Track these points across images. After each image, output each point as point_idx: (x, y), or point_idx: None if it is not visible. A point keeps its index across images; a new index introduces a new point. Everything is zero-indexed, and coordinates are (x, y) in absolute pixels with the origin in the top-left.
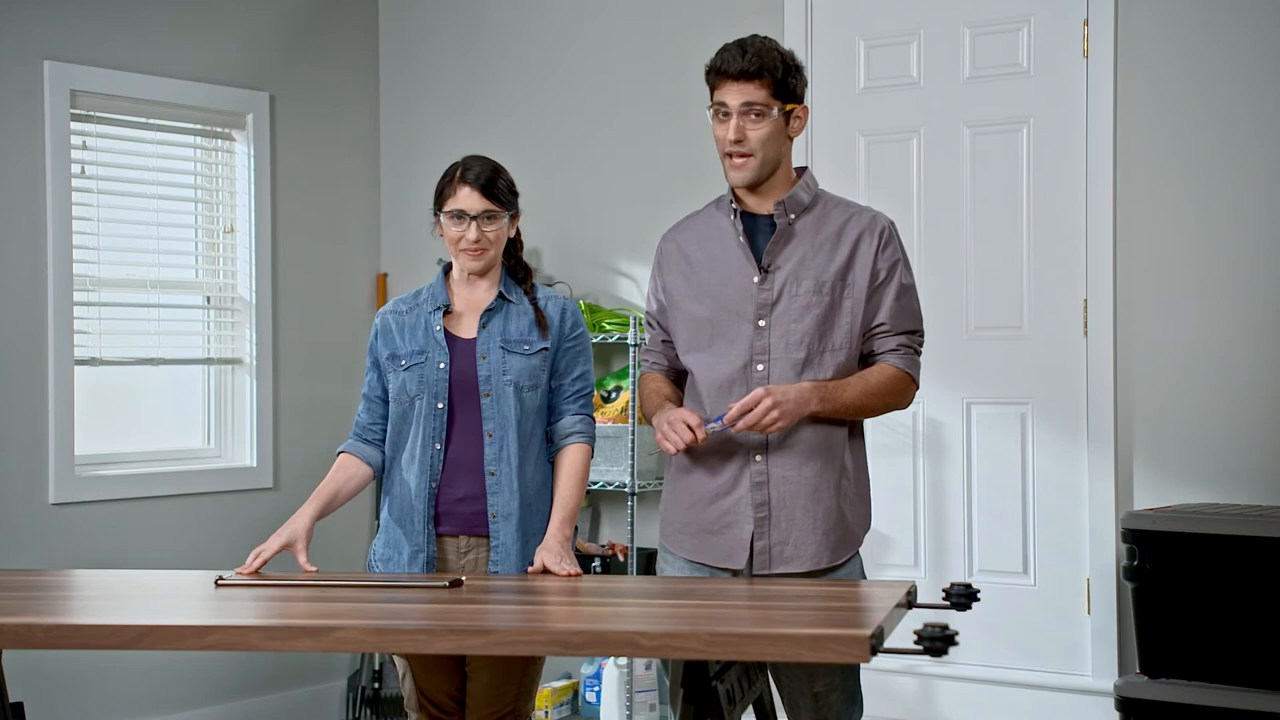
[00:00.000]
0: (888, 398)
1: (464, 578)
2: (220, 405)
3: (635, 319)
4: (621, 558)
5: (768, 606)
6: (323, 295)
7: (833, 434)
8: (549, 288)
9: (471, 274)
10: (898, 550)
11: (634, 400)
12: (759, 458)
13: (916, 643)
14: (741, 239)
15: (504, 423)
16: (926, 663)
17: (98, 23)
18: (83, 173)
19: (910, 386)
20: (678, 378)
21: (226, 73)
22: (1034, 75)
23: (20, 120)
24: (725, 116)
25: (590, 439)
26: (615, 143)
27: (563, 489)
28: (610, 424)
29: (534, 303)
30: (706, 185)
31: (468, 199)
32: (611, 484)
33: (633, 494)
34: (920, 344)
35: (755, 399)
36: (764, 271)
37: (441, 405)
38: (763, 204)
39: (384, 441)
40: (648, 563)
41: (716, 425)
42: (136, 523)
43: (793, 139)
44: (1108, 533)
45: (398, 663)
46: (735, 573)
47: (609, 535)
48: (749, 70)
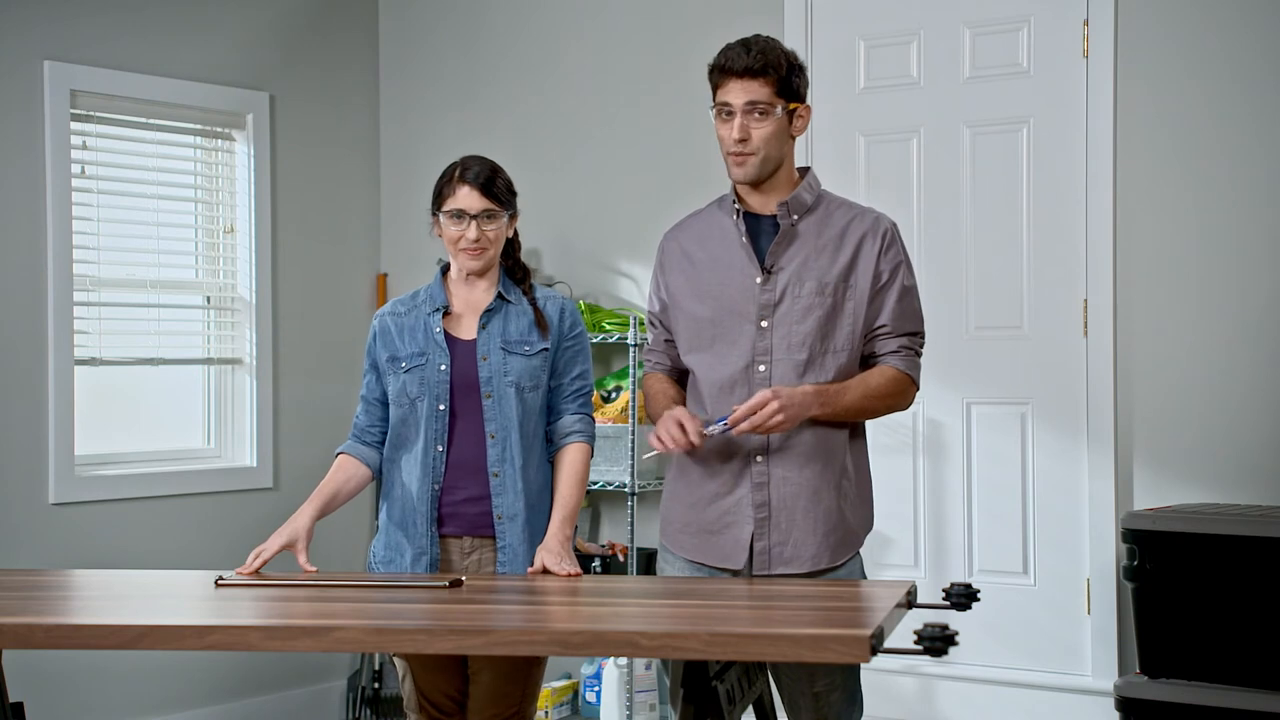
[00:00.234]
0: (889, 400)
1: (464, 578)
2: (220, 405)
3: (635, 319)
4: (621, 558)
5: (768, 606)
6: (323, 295)
7: (834, 435)
8: (547, 288)
9: (470, 274)
10: (898, 550)
11: (634, 400)
12: (759, 459)
13: (916, 643)
14: (744, 239)
15: (506, 424)
16: (926, 663)
17: (98, 23)
18: (83, 173)
19: (911, 388)
20: (680, 377)
21: (226, 73)
22: (1034, 75)
23: (20, 120)
24: (729, 116)
25: (590, 439)
26: (615, 143)
27: (563, 489)
28: (610, 424)
29: (533, 303)
30: (707, 185)
31: (467, 198)
32: (611, 484)
33: (633, 494)
34: (921, 345)
35: (763, 400)
36: (766, 272)
37: (443, 407)
38: (765, 204)
39: (382, 443)
40: (648, 563)
41: (719, 426)
42: (136, 523)
43: (795, 138)
44: (1108, 533)
45: (397, 664)
46: (735, 573)
47: (609, 535)
48: (753, 68)
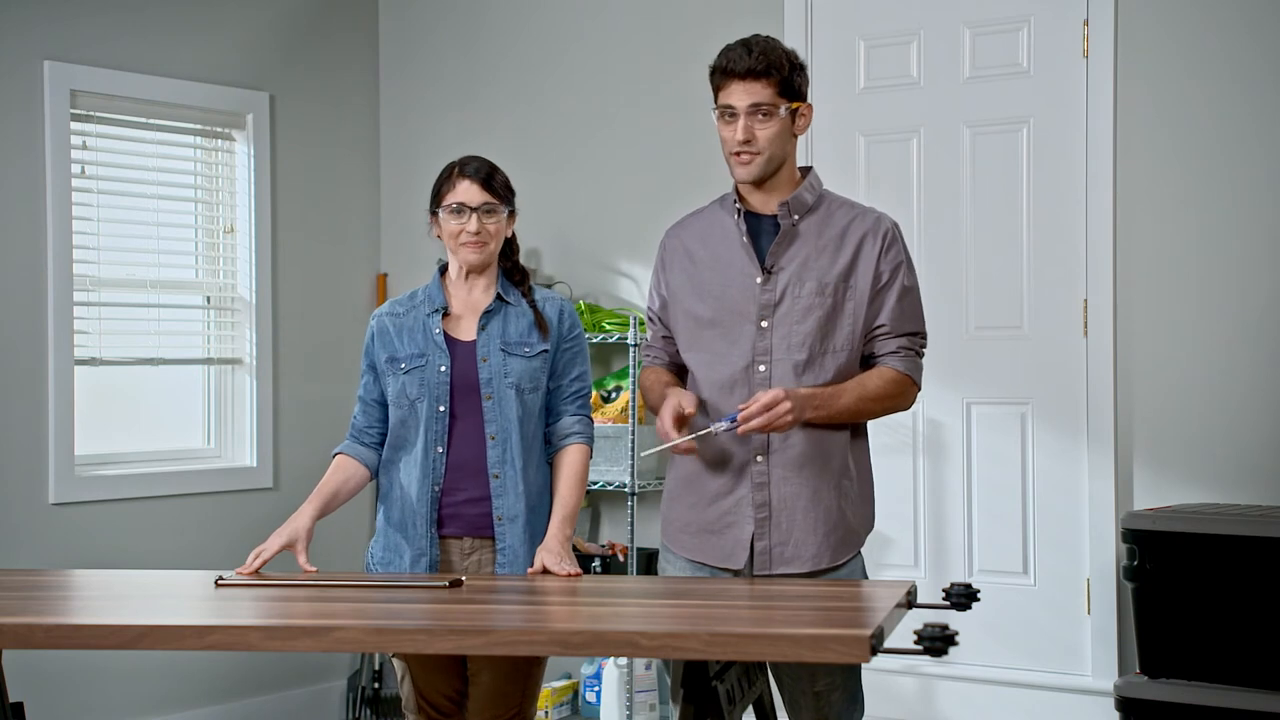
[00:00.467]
0: (887, 401)
1: (464, 578)
2: (220, 405)
3: (635, 319)
4: (621, 558)
5: (768, 606)
6: (323, 295)
7: (835, 435)
8: (546, 289)
9: (470, 272)
10: (898, 550)
11: (634, 400)
12: (760, 458)
13: (916, 643)
14: (745, 239)
15: (506, 425)
16: (926, 663)
17: (98, 23)
18: (83, 173)
19: (911, 389)
20: (679, 372)
21: (226, 73)
22: (1034, 75)
23: (20, 120)
24: (732, 118)
25: (589, 440)
26: (615, 143)
27: (562, 489)
28: (610, 424)
29: (532, 304)
30: (707, 184)
31: (467, 192)
32: (611, 484)
33: (633, 494)
34: (922, 346)
35: (775, 399)
36: (767, 272)
37: (443, 408)
38: (767, 203)
39: (380, 444)
40: (648, 563)
41: (724, 425)
42: (136, 523)
43: (797, 137)
44: (1108, 533)
45: (396, 664)
46: (736, 573)
47: (609, 535)
48: (755, 69)
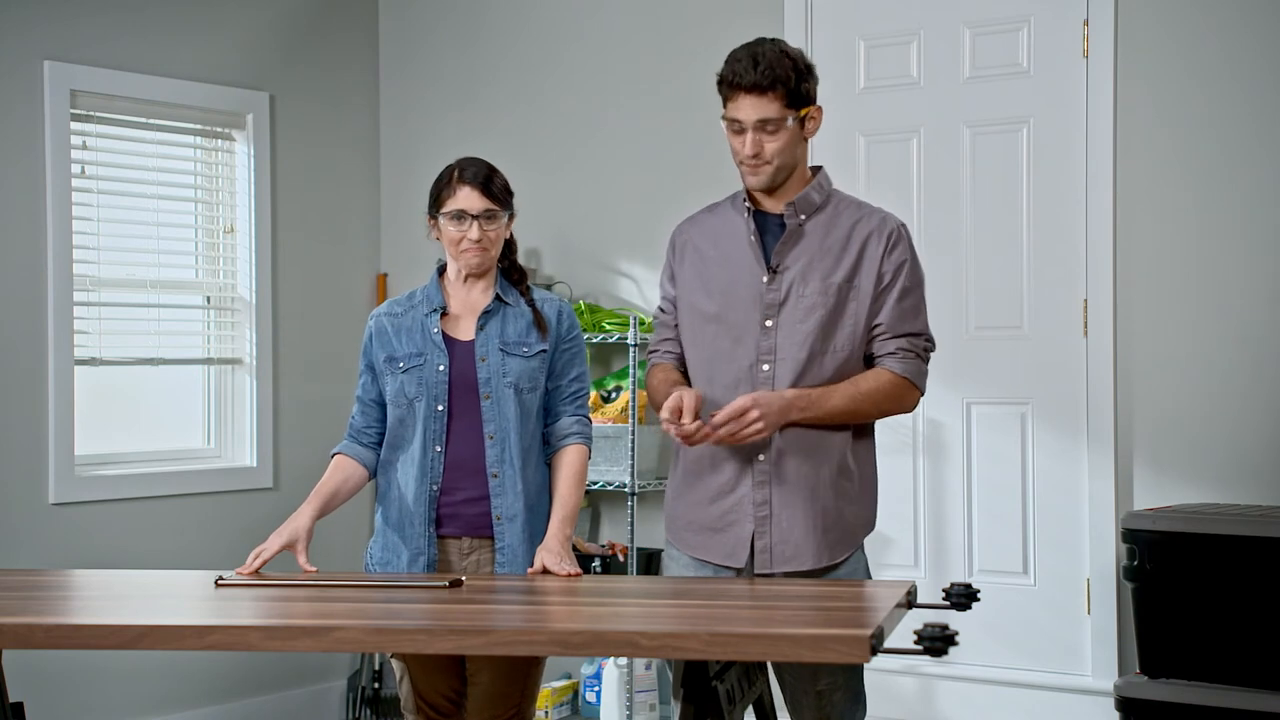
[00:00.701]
0: (882, 403)
1: (464, 578)
2: (220, 405)
3: (635, 319)
4: (621, 558)
5: (768, 606)
6: (323, 295)
7: (835, 435)
8: (544, 290)
9: (470, 275)
10: (898, 550)
11: (634, 400)
12: (762, 456)
13: (916, 643)
14: (753, 238)
15: (505, 425)
16: (926, 663)
17: (98, 23)
18: (83, 173)
19: (909, 391)
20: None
21: (226, 73)
22: (1034, 75)
23: (20, 120)
24: (740, 131)
25: (588, 440)
26: (615, 143)
27: (562, 489)
28: (610, 424)
29: (531, 304)
30: (707, 184)
31: (468, 198)
32: (611, 484)
33: (633, 494)
34: (924, 347)
35: (741, 408)
36: (772, 272)
37: (441, 408)
38: (777, 203)
39: (378, 444)
40: (648, 563)
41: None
42: (136, 523)
43: (809, 139)
44: (1108, 533)
45: (395, 665)
46: (738, 571)
47: (609, 535)
48: (761, 84)
